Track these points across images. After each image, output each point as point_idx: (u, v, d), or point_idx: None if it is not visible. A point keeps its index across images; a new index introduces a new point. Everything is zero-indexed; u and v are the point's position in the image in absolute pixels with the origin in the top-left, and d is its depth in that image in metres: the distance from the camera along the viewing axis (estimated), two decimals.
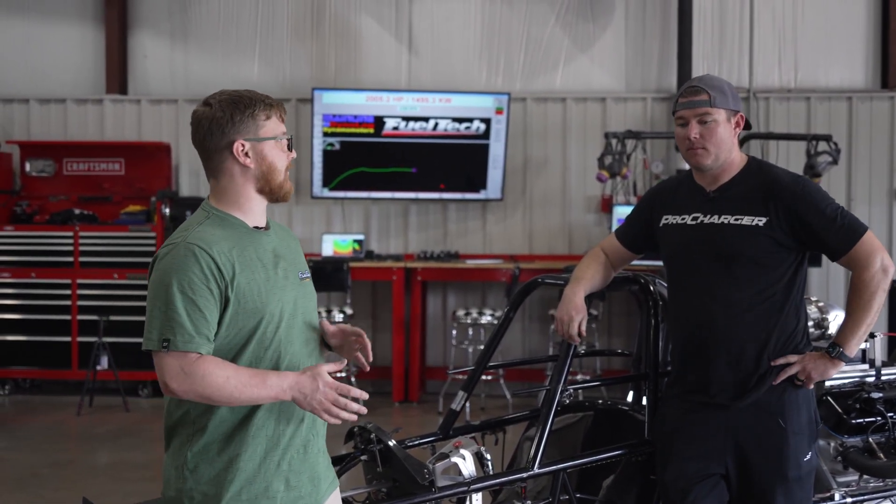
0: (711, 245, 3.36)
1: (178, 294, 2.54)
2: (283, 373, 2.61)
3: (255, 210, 2.75)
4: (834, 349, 3.29)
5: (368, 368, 2.91)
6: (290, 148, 2.81)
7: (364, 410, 2.64)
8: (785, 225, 3.30)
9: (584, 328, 3.61)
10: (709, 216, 3.42)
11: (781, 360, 3.28)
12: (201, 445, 2.64)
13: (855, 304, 3.31)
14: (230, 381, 2.54)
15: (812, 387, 3.40)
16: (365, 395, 2.66)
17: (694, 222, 3.45)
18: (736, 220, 3.35)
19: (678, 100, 3.44)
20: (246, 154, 2.70)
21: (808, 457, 3.39)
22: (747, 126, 3.51)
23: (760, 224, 3.32)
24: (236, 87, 2.84)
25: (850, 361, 3.27)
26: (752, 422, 3.35)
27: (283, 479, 2.68)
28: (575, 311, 3.60)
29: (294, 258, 2.82)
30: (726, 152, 3.40)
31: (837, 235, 3.29)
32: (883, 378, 4.16)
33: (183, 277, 2.54)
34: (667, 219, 3.55)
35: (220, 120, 2.68)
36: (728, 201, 3.40)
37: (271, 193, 2.76)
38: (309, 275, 2.87)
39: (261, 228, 2.76)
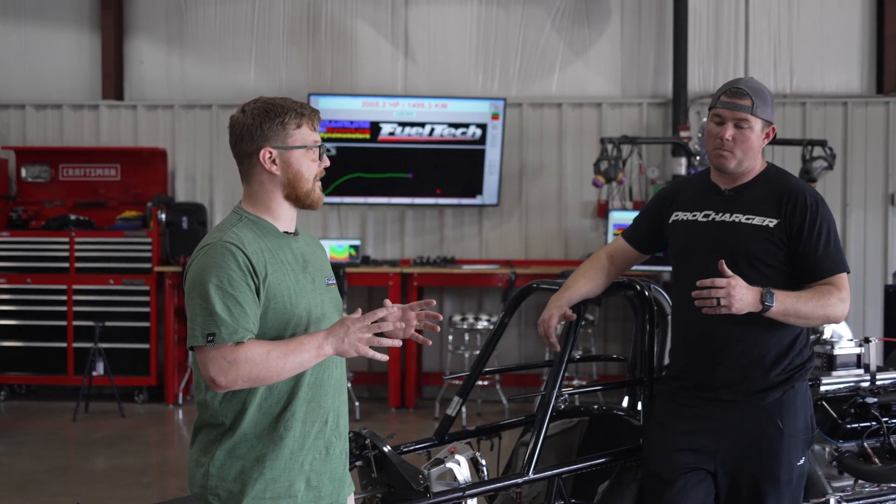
0: (721, 242, 3.37)
1: (217, 290, 2.60)
2: (313, 332, 2.67)
3: (284, 215, 2.82)
4: (769, 293, 3.22)
5: (438, 329, 3.00)
6: (321, 156, 2.85)
7: (398, 343, 2.72)
8: (789, 230, 3.34)
9: (554, 327, 3.60)
10: (721, 214, 3.43)
11: (707, 282, 3.19)
12: (231, 444, 2.70)
13: (812, 296, 3.31)
14: (271, 355, 2.59)
15: (808, 393, 3.41)
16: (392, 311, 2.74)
17: (705, 219, 3.46)
18: (748, 219, 3.38)
19: (720, 97, 3.42)
20: (273, 161, 2.77)
21: (802, 461, 3.41)
22: (774, 139, 3.53)
23: (771, 225, 3.35)
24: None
25: (764, 312, 3.21)
26: (749, 421, 3.36)
27: (305, 478, 2.75)
28: (552, 310, 3.64)
29: (321, 264, 2.88)
30: (751, 160, 3.42)
31: (827, 260, 3.34)
32: (878, 383, 4.17)
33: (221, 274, 2.61)
34: (677, 215, 3.55)
35: (250, 127, 2.76)
36: (743, 201, 3.42)
37: (298, 200, 2.82)
38: (334, 281, 2.94)
39: (290, 234, 2.82)
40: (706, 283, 3.19)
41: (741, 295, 3.17)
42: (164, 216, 9.53)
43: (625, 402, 4.38)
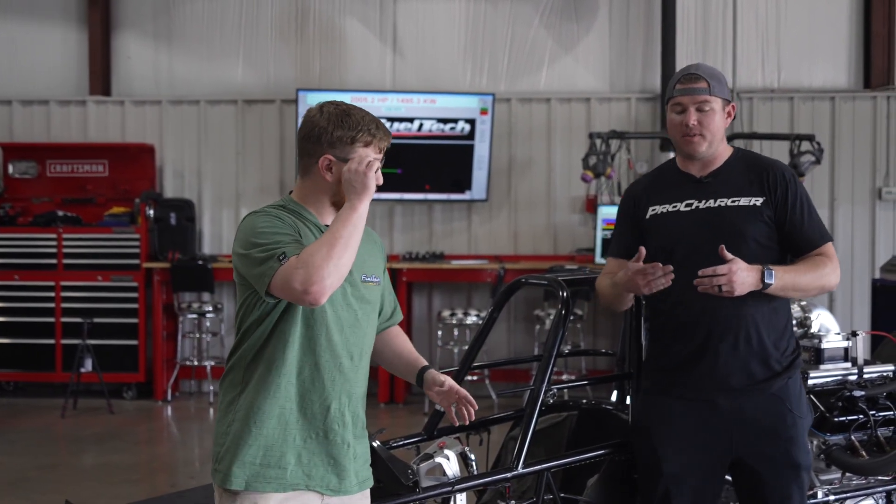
0: (712, 229, 3.33)
1: (267, 229, 2.72)
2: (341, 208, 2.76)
3: (328, 215, 2.89)
4: (768, 270, 3.21)
5: (467, 422, 3.12)
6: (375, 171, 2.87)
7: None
8: (774, 205, 3.36)
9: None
10: (704, 201, 3.41)
11: (708, 271, 3.16)
12: (236, 407, 2.82)
13: (808, 268, 3.33)
14: (326, 238, 2.66)
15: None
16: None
17: (688, 208, 3.43)
18: (733, 201, 3.38)
19: (675, 86, 3.43)
20: (329, 169, 2.83)
21: (809, 446, 3.44)
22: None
23: (758, 204, 3.36)
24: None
25: (764, 289, 3.21)
26: (762, 409, 3.34)
27: (296, 453, 2.82)
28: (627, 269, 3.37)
29: (361, 261, 2.87)
30: (719, 140, 3.43)
31: (813, 232, 3.38)
32: (865, 376, 4.18)
33: (268, 219, 2.75)
34: (654, 209, 3.50)
35: (322, 130, 2.84)
36: (722, 185, 3.41)
37: None
38: (375, 280, 2.99)
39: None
40: (707, 272, 3.17)
41: (742, 279, 3.16)
42: (152, 212, 9.52)
43: (613, 397, 4.39)
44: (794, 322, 4.18)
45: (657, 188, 3.56)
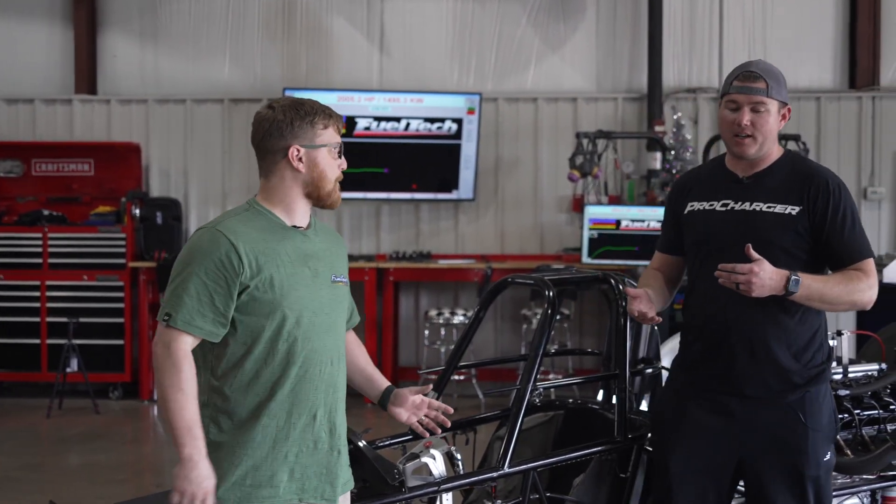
0: (741, 232, 3.28)
1: (193, 275, 2.70)
2: (201, 453, 2.68)
3: (298, 211, 2.89)
4: (795, 278, 3.15)
5: (439, 431, 3.29)
6: (340, 155, 2.92)
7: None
8: (812, 216, 3.28)
9: (643, 308, 3.36)
10: (740, 203, 3.35)
11: (728, 266, 3.14)
12: (214, 429, 2.77)
13: (839, 281, 3.26)
14: (171, 393, 2.67)
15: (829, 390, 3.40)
16: None
17: (724, 208, 3.38)
18: (769, 207, 3.30)
19: (732, 82, 3.33)
20: (300, 159, 2.83)
21: (828, 457, 3.36)
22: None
23: (794, 213, 3.29)
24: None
25: (788, 296, 3.16)
26: (772, 418, 3.31)
27: (289, 470, 2.80)
28: (632, 297, 3.38)
29: (332, 260, 2.93)
30: (771, 143, 3.34)
31: (853, 245, 3.30)
32: (850, 376, 4.19)
33: (202, 260, 2.71)
34: (692, 205, 3.46)
35: (281, 123, 2.82)
36: (762, 189, 3.34)
37: (319, 200, 2.90)
38: (344, 280, 2.99)
39: (299, 228, 2.87)
40: (727, 268, 3.13)
41: (762, 281, 3.10)
42: (138, 211, 9.49)
43: (600, 396, 4.40)
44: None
45: (701, 183, 3.52)
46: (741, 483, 3.48)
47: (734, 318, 3.31)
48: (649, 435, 3.70)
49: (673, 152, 8.99)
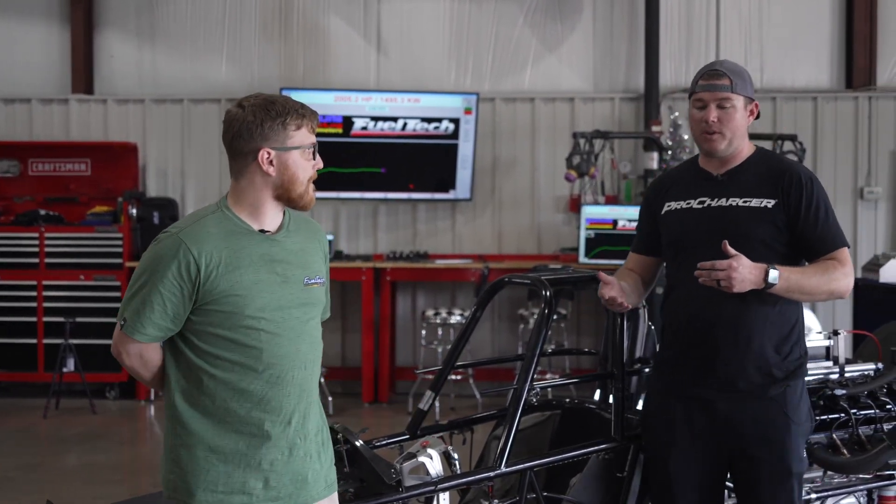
0: (719, 227, 3.32)
1: (149, 282, 2.67)
2: None
3: (268, 214, 2.80)
4: (773, 270, 3.21)
5: None
6: (314, 156, 2.82)
7: None
8: (787, 209, 3.33)
9: (613, 293, 3.44)
10: (716, 199, 3.41)
11: (707, 264, 3.20)
12: (183, 434, 2.73)
13: (816, 270, 3.31)
14: (142, 375, 2.84)
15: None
16: None
17: (700, 206, 3.43)
18: (745, 202, 3.36)
19: (698, 81, 3.42)
20: (270, 162, 2.74)
21: (804, 455, 3.44)
22: (757, 116, 3.52)
23: (769, 206, 3.34)
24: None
25: (767, 289, 3.21)
26: (755, 412, 3.35)
27: (264, 478, 2.74)
28: (604, 283, 3.46)
29: (304, 262, 2.84)
30: (740, 139, 3.41)
31: (827, 236, 3.35)
32: (846, 375, 4.20)
33: (160, 267, 2.66)
34: (669, 205, 3.52)
35: (251, 125, 2.72)
36: (737, 184, 3.40)
37: (290, 202, 2.81)
38: (319, 281, 2.88)
39: (267, 232, 2.79)
40: (706, 266, 3.19)
41: (742, 276, 3.16)
42: (134, 211, 9.48)
43: (597, 396, 4.40)
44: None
45: (676, 184, 3.57)
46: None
47: (715, 313, 3.35)
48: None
49: (669, 152, 8.99)
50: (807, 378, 4.12)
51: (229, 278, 2.68)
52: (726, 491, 3.60)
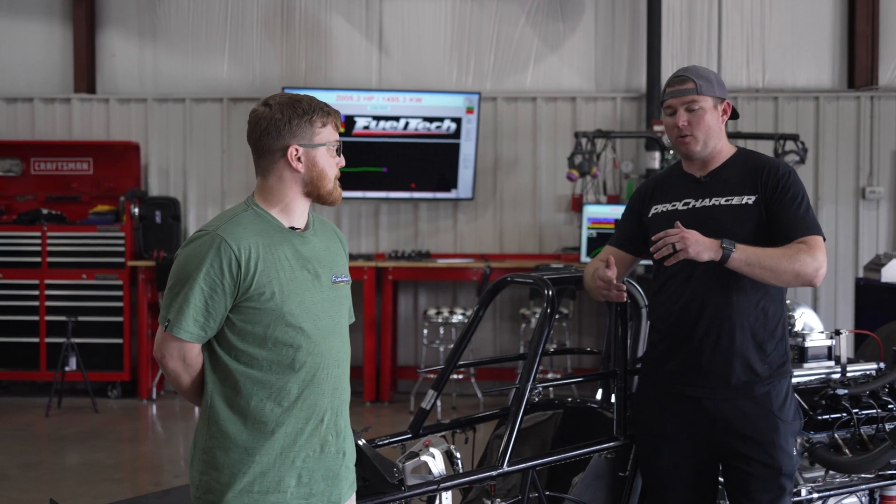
0: (704, 227, 3.34)
1: (193, 283, 2.66)
2: None
3: (296, 211, 2.83)
4: (730, 244, 3.23)
5: None
6: (338, 153, 2.85)
7: None
8: (765, 201, 3.37)
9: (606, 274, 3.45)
10: (700, 200, 3.46)
11: (660, 234, 3.25)
12: (218, 436, 2.73)
13: (781, 251, 3.29)
14: (182, 379, 2.78)
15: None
16: None
17: (685, 207, 3.49)
18: (727, 200, 3.42)
19: (665, 90, 3.51)
20: (298, 159, 2.77)
21: (795, 453, 3.45)
22: (734, 115, 3.56)
23: (750, 202, 3.39)
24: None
25: (726, 260, 3.22)
26: (743, 411, 3.37)
27: (297, 475, 2.76)
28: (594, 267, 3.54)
29: (331, 261, 2.88)
30: (715, 139, 3.47)
31: (799, 222, 3.34)
32: (848, 375, 4.21)
33: (201, 264, 2.66)
34: (656, 208, 3.58)
35: (279, 122, 2.75)
36: (719, 184, 3.46)
37: (319, 198, 2.84)
38: (346, 279, 2.94)
39: (297, 229, 2.82)
40: (659, 235, 3.25)
41: (696, 238, 3.21)
42: (136, 210, 9.48)
43: (598, 395, 4.40)
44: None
45: (662, 187, 3.63)
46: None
47: (699, 311, 3.39)
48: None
49: (671, 152, 8.99)
50: (807, 378, 4.15)
51: (268, 274, 2.70)
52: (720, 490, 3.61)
